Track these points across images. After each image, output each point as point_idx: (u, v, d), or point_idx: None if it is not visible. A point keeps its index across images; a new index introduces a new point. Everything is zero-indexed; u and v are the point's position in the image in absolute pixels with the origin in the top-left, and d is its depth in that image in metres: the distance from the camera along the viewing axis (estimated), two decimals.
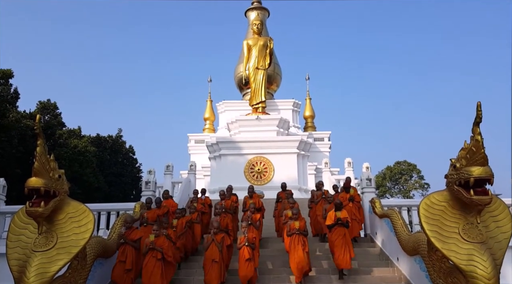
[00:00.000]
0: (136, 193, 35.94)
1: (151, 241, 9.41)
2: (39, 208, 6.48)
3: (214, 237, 9.86)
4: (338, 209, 10.86)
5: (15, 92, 26.62)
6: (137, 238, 9.90)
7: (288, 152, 22.90)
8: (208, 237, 9.98)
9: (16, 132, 23.77)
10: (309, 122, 31.52)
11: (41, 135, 6.61)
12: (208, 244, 9.81)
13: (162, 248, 9.39)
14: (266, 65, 25.08)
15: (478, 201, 6.35)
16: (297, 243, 10.18)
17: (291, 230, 10.44)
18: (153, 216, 11.66)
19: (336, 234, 10.56)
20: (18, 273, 6.61)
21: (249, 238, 9.88)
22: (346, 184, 13.24)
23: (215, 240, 9.81)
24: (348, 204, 12.35)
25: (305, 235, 10.50)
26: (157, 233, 9.61)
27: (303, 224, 10.58)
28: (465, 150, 6.46)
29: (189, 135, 30.23)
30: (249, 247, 9.77)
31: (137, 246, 9.81)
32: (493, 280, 6.33)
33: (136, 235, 10.00)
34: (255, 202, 12.87)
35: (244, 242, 9.82)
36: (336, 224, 10.60)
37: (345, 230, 10.59)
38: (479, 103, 6.26)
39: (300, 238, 10.28)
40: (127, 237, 9.83)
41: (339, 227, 10.57)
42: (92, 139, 35.30)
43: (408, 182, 46.32)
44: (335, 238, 10.52)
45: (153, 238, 9.45)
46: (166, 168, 21.72)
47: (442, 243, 6.72)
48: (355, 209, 12.52)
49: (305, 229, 10.57)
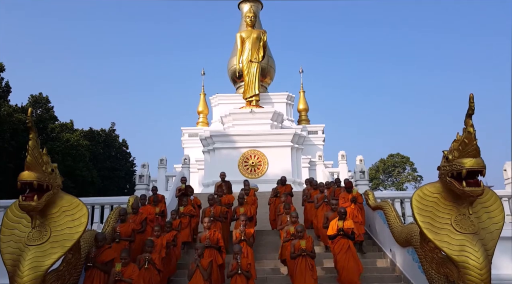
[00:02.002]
0: (130, 187, 35.88)
1: (117, 271, 7.66)
2: (32, 202, 6.45)
3: (199, 263, 8.03)
4: (342, 218, 9.61)
5: (6, 85, 26.40)
6: (108, 260, 8.09)
7: (282, 145, 22.91)
8: (192, 263, 8.17)
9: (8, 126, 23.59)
10: (303, 115, 31.56)
11: (34, 129, 6.56)
12: (191, 273, 8.00)
13: (132, 279, 7.69)
14: (259, 58, 24.99)
15: (470, 192, 6.40)
16: (304, 267, 8.44)
17: (295, 251, 8.67)
18: (127, 231, 9.80)
19: (339, 246, 9.35)
20: (12, 267, 6.60)
21: (242, 265, 8.08)
22: (348, 184, 12.28)
23: (200, 266, 8.00)
24: (350, 206, 11.58)
25: (312, 257, 8.76)
26: (126, 262, 7.86)
27: (310, 244, 8.79)
28: (458, 142, 6.50)
29: (183, 129, 30.16)
30: (242, 276, 8.02)
31: (108, 269, 8.07)
32: (485, 270, 6.41)
33: (108, 256, 8.16)
34: (246, 211, 11.63)
35: (237, 270, 8.03)
36: (338, 234, 9.41)
37: (349, 242, 9.35)
38: (471, 95, 6.29)
39: (307, 261, 8.54)
40: (96, 259, 8.00)
41: (342, 238, 9.37)
42: (84, 133, 35.13)
43: (401, 174, 46.67)
44: (338, 251, 9.34)
45: (120, 268, 7.73)
46: (159, 162, 21.70)
47: (434, 234, 6.78)
48: (357, 211, 11.71)
49: (312, 250, 8.83)
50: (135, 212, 10.87)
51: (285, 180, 14.26)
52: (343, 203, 11.56)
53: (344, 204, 11.46)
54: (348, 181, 12.51)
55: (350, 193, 11.99)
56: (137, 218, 10.70)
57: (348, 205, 11.50)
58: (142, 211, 11.31)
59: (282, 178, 14.46)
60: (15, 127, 24.21)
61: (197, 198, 13.24)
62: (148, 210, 11.68)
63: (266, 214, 14.28)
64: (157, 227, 9.40)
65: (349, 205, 11.54)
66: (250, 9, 27.35)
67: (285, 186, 13.96)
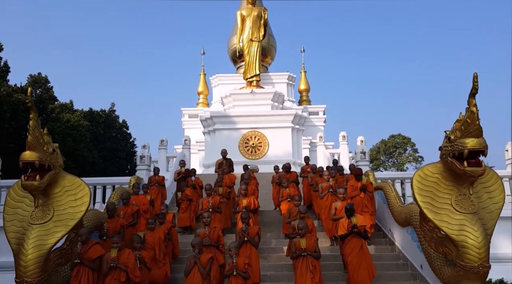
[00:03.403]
0: (131, 168, 35.97)
1: (113, 257, 7.17)
2: (34, 182, 6.49)
3: (198, 259, 7.38)
4: (350, 215, 8.68)
5: (5, 65, 26.18)
6: (96, 256, 7.42)
7: (282, 126, 22.89)
8: (190, 259, 7.49)
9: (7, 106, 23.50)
10: (304, 95, 31.43)
11: (34, 109, 6.55)
12: (189, 269, 7.36)
13: (127, 266, 7.17)
14: (260, 36, 24.69)
15: (471, 172, 6.42)
16: (304, 269, 7.70)
17: (296, 250, 7.92)
18: (115, 227, 8.96)
19: (351, 246, 8.41)
20: (17, 245, 6.69)
21: (238, 265, 7.37)
22: (357, 172, 11.34)
23: (199, 263, 7.34)
24: (359, 195, 10.81)
25: (315, 257, 7.86)
26: (120, 246, 7.40)
27: (312, 243, 7.94)
28: (460, 121, 6.48)
29: (183, 110, 30.09)
30: (238, 277, 7.32)
31: (96, 267, 7.42)
32: (483, 250, 6.48)
33: (95, 252, 7.45)
34: (249, 203, 10.72)
35: (232, 270, 7.33)
36: (351, 233, 8.43)
37: (361, 242, 8.44)
38: (475, 74, 6.25)
39: (308, 262, 7.75)
40: (83, 255, 7.31)
41: (354, 237, 8.43)
42: (85, 113, 35.01)
43: (402, 155, 46.73)
44: (349, 252, 8.37)
45: (115, 254, 7.23)
46: (160, 143, 21.75)
47: (434, 214, 6.84)
48: (367, 200, 10.89)
49: (315, 250, 7.93)
50: (126, 203, 10.04)
51: (289, 167, 13.59)
52: (351, 192, 10.88)
53: (353, 193, 10.87)
54: (358, 168, 11.70)
55: (359, 181, 11.07)
56: (128, 210, 9.91)
57: (357, 194, 10.81)
58: (135, 201, 10.58)
59: (286, 164, 13.78)
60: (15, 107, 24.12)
61: (198, 179, 13.23)
62: (141, 200, 10.83)
63: (266, 195, 14.36)
64: (151, 220, 8.75)
65: (358, 194, 10.81)
66: None
67: (290, 173, 13.29)
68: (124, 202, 10.03)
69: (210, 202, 10.31)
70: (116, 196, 11.09)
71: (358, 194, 10.80)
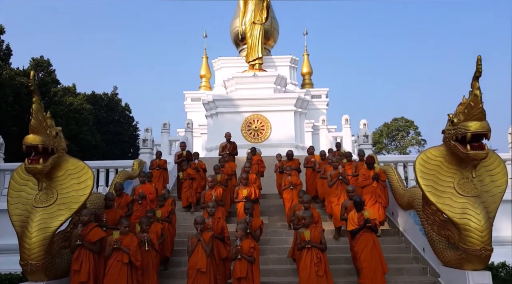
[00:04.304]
0: (134, 151, 36.09)
1: (116, 239, 7.08)
2: (38, 165, 6.52)
3: (201, 236, 7.29)
4: (360, 209, 8.04)
5: (7, 48, 26.06)
6: (96, 239, 7.29)
7: (285, 109, 22.84)
8: (192, 238, 7.37)
9: (10, 89, 23.47)
10: (306, 79, 31.26)
11: (36, 92, 6.54)
12: (192, 248, 7.28)
13: (130, 248, 7.07)
14: (263, 19, 24.46)
15: (474, 155, 6.42)
16: (309, 262, 7.33)
17: (301, 242, 7.55)
18: (114, 218, 8.55)
19: (362, 242, 7.79)
20: (21, 228, 6.76)
21: (243, 248, 7.20)
22: (369, 160, 10.74)
23: (202, 240, 7.25)
24: (371, 183, 10.29)
25: (321, 249, 7.50)
26: (129, 230, 7.36)
27: (317, 234, 7.56)
28: (463, 105, 6.46)
29: (185, 93, 30.02)
30: (243, 261, 7.18)
31: (96, 249, 7.30)
32: (486, 232, 6.51)
33: (96, 235, 7.32)
34: (249, 193, 10.19)
35: (237, 254, 7.17)
36: (364, 227, 7.79)
37: (373, 237, 7.85)
38: (479, 57, 6.20)
39: (313, 254, 7.38)
40: (83, 236, 7.20)
41: (365, 232, 7.81)
42: (87, 96, 34.97)
43: (405, 138, 46.64)
44: (361, 248, 7.77)
45: (118, 235, 7.16)
46: (163, 126, 21.75)
47: (437, 197, 6.86)
48: (380, 190, 10.31)
49: (321, 241, 7.54)
50: (119, 195, 9.56)
51: (292, 154, 13.27)
52: (363, 181, 10.45)
53: (365, 182, 10.41)
54: (370, 156, 11.10)
55: (372, 169, 10.49)
56: (121, 201, 9.53)
57: (369, 183, 10.32)
58: (142, 190, 10.33)
59: (289, 152, 13.43)
60: (17, 90, 24.09)
61: (201, 161, 13.24)
62: (148, 189, 10.69)
63: (269, 178, 14.40)
64: (150, 213, 8.33)
65: (371, 183, 10.30)
66: None
67: (292, 161, 12.94)
68: (117, 193, 9.57)
69: (213, 195, 9.76)
70: (119, 179, 11.14)
71: (370, 183, 10.32)
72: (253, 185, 10.75)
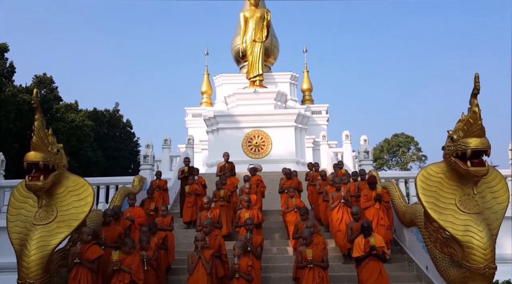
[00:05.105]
0: (135, 167, 36.06)
1: (115, 260, 7.04)
2: (38, 182, 6.49)
3: (201, 254, 7.28)
4: (367, 234, 7.71)
5: (10, 66, 26.32)
6: (94, 257, 7.18)
7: (285, 125, 22.85)
8: (192, 256, 7.37)
9: (12, 106, 23.59)
10: (306, 95, 31.39)
11: (39, 110, 6.56)
12: (193, 266, 7.24)
13: (131, 268, 7.03)
14: (263, 37, 24.73)
15: (475, 172, 6.38)
16: (311, 281, 7.25)
17: (302, 260, 7.43)
18: (113, 235, 8.29)
19: (368, 271, 7.49)
20: (19, 246, 6.68)
21: (241, 266, 7.14)
22: (371, 179, 10.37)
23: (203, 258, 7.23)
24: (373, 205, 9.90)
25: (323, 267, 7.41)
26: (132, 251, 7.31)
27: (318, 253, 7.45)
28: (463, 121, 6.45)
29: (187, 109, 30.12)
30: (241, 279, 7.09)
31: (95, 268, 7.16)
32: (489, 250, 6.43)
33: (94, 253, 7.22)
34: (253, 214, 9.77)
35: (235, 272, 7.12)
36: (369, 255, 7.49)
37: (380, 265, 7.55)
38: (476, 74, 6.22)
39: (315, 274, 7.28)
40: (82, 255, 7.11)
41: (371, 260, 7.50)
42: (89, 113, 35.12)
43: (406, 154, 46.59)
44: (367, 277, 7.46)
45: (117, 256, 7.13)
46: (164, 142, 21.77)
47: (438, 214, 6.80)
48: (382, 212, 9.86)
49: (322, 259, 7.47)
50: (117, 218, 9.06)
51: (290, 173, 13.05)
52: (365, 202, 10.05)
53: (367, 203, 10.00)
54: (371, 176, 10.74)
55: (374, 189, 10.12)
56: (119, 225, 8.96)
57: (371, 204, 9.92)
58: (130, 214, 9.90)
59: (286, 170, 13.25)
60: (19, 107, 24.22)
61: (201, 177, 13.17)
62: (137, 212, 10.13)
63: (270, 195, 14.34)
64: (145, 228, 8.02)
65: (373, 204, 9.91)
66: None
67: (292, 179, 12.78)
68: (115, 217, 9.07)
69: (209, 217, 9.33)
70: (119, 196, 11.10)
71: (372, 205, 9.92)
72: (255, 208, 10.38)
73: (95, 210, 9.34)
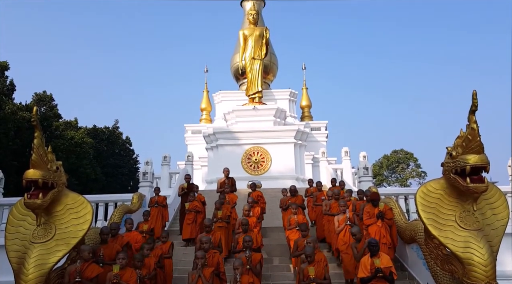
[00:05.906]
0: (134, 184, 35.94)
1: (115, 274, 7.03)
2: (37, 200, 6.47)
3: (201, 272, 7.22)
4: (374, 252, 7.42)
5: (11, 84, 26.50)
6: (94, 275, 7.25)
7: (285, 142, 22.91)
8: (193, 274, 7.33)
9: (12, 124, 23.65)
10: (305, 111, 31.56)
11: (38, 127, 6.57)
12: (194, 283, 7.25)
13: (129, 283, 7.09)
14: (262, 55, 25.00)
15: (474, 189, 6.38)
16: None
17: (304, 278, 7.39)
18: (111, 253, 8.19)
19: None
20: (17, 265, 6.62)
21: (242, 282, 7.17)
22: (374, 196, 10.14)
23: (203, 276, 7.17)
24: (376, 223, 9.68)
25: None
26: (125, 262, 7.25)
27: (321, 270, 7.44)
28: (461, 138, 6.48)
29: (186, 126, 30.22)
30: None
31: None
32: (490, 267, 6.39)
33: (93, 271, 7.30)
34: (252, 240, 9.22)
35: None
36: (375, 277, 7.17)
37: None
38: (474, 91, 6.27)
39: None
40: (82, 273, 7.12)
41: (378, 282, 7.17)
42: (88, 130, 35.20)
43: (405, 170, 46.54)
44: None
45: (118, 269, 7.10)
46: (163, 159, 21.75)
47: (438, 230, 6.77)
48: (385, 230, 9.58)
49: (325, 276, 7.49)
50: (114, 234, 8.96)
51: (295, 190, 12.85)
52: (367, 219, 9.81)
53: (369, 221, 9.78)
54: (374, 193, 10.47)
55: (376, 207, 9.86)
56: (117, 242, 8.83)
57: (373, 222, 9.71)
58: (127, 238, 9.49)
59: (292, 187, 13.03)
60: (19, 125, 24.28)
61: (201, 195, 13.06)
62: (134, 237, 9.75)
63: (269, 211, 14.28)
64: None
65: (375, 222, 9.69)
66: (253, 6, 27.36)
67: (296, 197, 12.64)
68: (113, 233, 8.99)
69: None
70: (118, 213, 11.05)
71: (375, 222, 9.67)
72: (255, 230, 10.08)
73: (93, 227, 9.29)
